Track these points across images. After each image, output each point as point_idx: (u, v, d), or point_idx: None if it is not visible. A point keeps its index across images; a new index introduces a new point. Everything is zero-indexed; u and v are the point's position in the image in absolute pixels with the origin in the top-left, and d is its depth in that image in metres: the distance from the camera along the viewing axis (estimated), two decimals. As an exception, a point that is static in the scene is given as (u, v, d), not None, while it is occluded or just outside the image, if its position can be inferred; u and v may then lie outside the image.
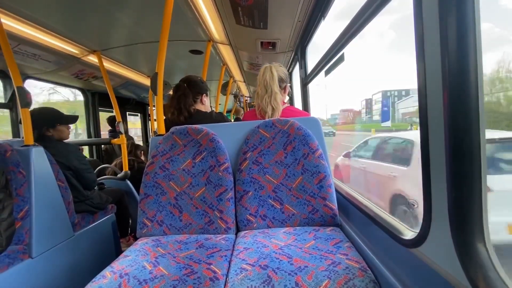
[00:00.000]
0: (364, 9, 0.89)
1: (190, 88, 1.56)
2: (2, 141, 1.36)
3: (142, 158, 3.15)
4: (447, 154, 0.50)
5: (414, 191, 2.54)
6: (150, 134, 4.72)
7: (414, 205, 2.48)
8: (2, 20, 1.41)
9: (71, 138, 2.24)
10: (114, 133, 3.43)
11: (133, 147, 2.94)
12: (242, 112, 4.97)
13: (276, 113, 1.37)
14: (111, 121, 3.58)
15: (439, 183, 0.53)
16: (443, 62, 0.49)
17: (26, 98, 1.41)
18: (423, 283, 0.61)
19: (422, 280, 0.61)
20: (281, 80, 1.44)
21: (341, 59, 1.30)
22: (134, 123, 5.14)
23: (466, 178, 0.49)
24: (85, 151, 3.52)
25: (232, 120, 4.83)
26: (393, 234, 0.72)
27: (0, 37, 1.37)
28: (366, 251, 0.85)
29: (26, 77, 2.47)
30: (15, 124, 2.42)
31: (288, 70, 2.90)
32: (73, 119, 1.83)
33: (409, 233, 0.68)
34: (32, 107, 1.49)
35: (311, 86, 2.29)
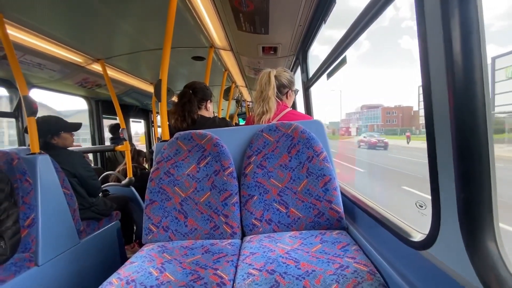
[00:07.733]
0: (367, 9, 0.89)
1: (196, 94, 1.58)
2: (9, 150, 1.38)
3: (145, 165, 3.16)
4: (454, 154, 0.50)
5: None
6: (154, 141, 4.75)
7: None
8: (8, 31, 1.44)
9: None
10: (115, 140, 3.45)
11: (135, 154, 2.95)
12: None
13: (263, 117, 1.37)
14: (112, 128, 3.60)
15: (447, 183, 0.53)
16: (447, 61, 0.49)
17: (32, 107, 1.43)
18: (434, 285, 0.60)
19: (433, 282, 0.60)
20: (282, 86, 1.43)
21: (343, 61, 1.30)
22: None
23: (474, 177, 0.48)
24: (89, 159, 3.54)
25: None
26: (401, 236, 0.71)
27: (7, 48, 1.40)
28: (374, 254, 0.84)
29: (31, 86, 2.51)
30: (21, 132, 2.45)
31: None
32: (77, 126, 1.85)
33: (418, 235, 0.67)
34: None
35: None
